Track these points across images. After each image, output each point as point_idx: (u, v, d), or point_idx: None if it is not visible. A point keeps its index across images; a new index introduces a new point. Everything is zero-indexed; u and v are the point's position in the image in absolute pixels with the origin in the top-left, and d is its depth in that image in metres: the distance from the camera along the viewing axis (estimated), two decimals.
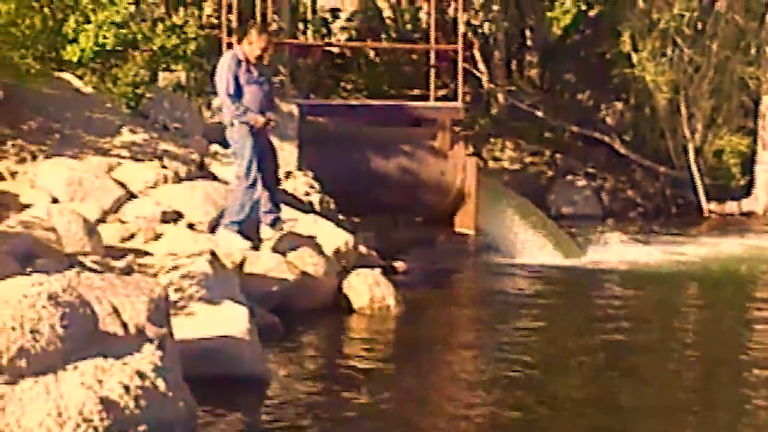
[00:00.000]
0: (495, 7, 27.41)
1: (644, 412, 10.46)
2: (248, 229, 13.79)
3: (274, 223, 14.01)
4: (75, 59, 17.07)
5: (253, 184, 13.66)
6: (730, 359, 12.28)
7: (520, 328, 14.20)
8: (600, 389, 11.15)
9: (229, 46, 17.09)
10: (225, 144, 15.58)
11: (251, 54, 13.54)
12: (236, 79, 13.51)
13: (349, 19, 27.95)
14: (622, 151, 27.23)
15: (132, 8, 17.56)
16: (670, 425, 10.09)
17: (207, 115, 17.81)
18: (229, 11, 19.89)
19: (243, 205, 13.73)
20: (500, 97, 27.45)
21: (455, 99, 20.74)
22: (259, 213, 13.99)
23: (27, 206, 14.35)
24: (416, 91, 23.11)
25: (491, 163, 25.06)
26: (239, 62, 13.55)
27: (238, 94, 13.49)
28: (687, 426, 10.00)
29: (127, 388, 7.50)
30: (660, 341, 13.38)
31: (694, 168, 26.53)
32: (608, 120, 28.19)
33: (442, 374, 11.58)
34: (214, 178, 16.09)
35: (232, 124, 13.54)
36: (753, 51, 27.04)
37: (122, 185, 15.10)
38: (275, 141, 15.87)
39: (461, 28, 21.50)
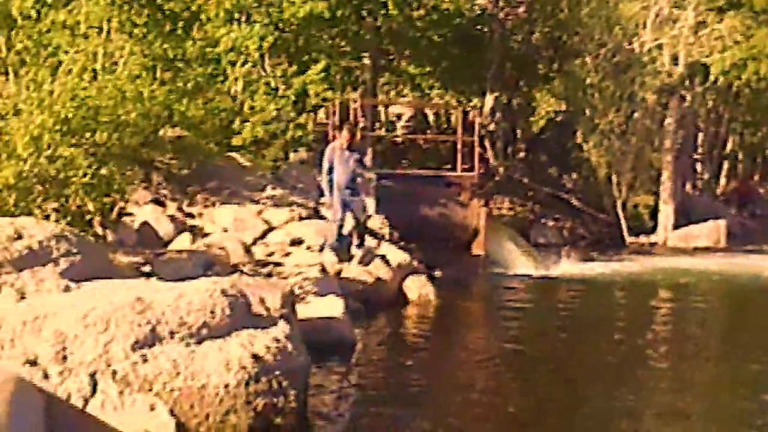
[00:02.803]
0: (499, 115, 28.80)
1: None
2: (341, 251, 14.95)
3: (360, 247, 15.25)
4: (239, 144, 18.41)
5: (341, 225, 14.86)
6: (638, 336, 14.13)
7: (511, 307, 16.73)
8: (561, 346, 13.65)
9: (333, 138, 17.78)
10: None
11: (343, 142, 14.76)
12: (332, 161, 14.58)
13: (407, 121, 28.96)
14: (576, 204, 28.94)
15: (274, 113, 18.63)
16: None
17: (318, 179, 17.45)
18: (334, 115, 20.98)
19: (334, 237, 14.92)
20: (501, 170, 28.91)
21: (473, 170, 22.36)
22: (348, 240, 14.99)
23: (208, 234, 15.90)
24: (448, 165, 23.50)
25: (495, 211, 25.65)
26: (334, 149, 14.70)
27: (329, 172, 14.59)
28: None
29: (268, 348, 8.04)
30: (588, 323, 15.74)
31: (620, 215, 28.61)
32: (568, 185, 29.97)
33: (463, 342, 13.68)
34: (322, 218, 17.37)
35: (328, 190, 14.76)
36: (657, 143, 29.16)
37: (266, 222, 16.61)
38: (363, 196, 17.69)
39: (477, 127, 23.13)
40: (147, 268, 12.70)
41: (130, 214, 15.51)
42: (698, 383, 11.22)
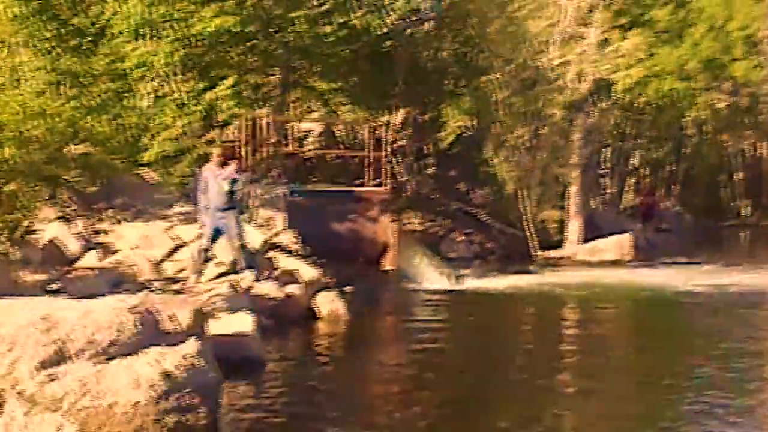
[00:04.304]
0: (408, 131, 29.00)
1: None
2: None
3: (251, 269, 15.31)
4: (148, 161, 18.32)
5: (207, 250, 15.15)
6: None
7: (422, 320, 17.05)
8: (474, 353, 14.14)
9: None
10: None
11: (215, 161, 15.11)
12: (207, 181, 14.95)
13: (317, 136, 28.84)
14: (485, 219, 28.90)
15: (183, 129, 18.57)
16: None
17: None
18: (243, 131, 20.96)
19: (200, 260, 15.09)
20: (410, 186, 28.77)
21: (382, 186, 22.40)
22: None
23: (117, 251, 15.79)
24: (358, 181, 23.44)
25: (405, 227, 25.40)
26: (208, 168, 15.08)
27: (204, 192, 14.95)
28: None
29: (177, 365, 8.07)
30: (496, 335, 16.22)
31: (529, 229, 28.51)
32: (477, 200, 29.97)
33: (373, 357, 13.86)
34: None
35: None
36: (564, 158, 29.51)
37: (176, 239, 16.49)
38: (268, 213, 18.23)
39: (385, 143, 23.47)
40: (54, 286, 12.62)
41: (35, 232, 15.30)
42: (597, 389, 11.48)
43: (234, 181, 15.09)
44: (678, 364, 13.28)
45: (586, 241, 29.02)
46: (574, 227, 29.26)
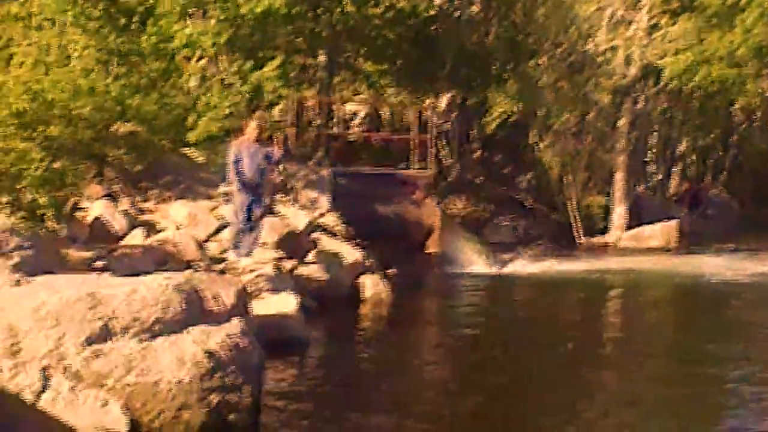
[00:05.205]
0: (453, 114, 29.18)
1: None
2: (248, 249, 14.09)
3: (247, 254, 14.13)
4: (193, 141, 18.12)
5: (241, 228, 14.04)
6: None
7: (465, 305, 17.18)
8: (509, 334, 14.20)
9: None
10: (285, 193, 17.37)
11: (251, 136, 13.97)
12: (238, 154, 13.80)
13: (362, 119, 29.05)
14: (529, 204, 29.16)
15: (229, 109, 18.24)
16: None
17: (273, 176, 17.50)
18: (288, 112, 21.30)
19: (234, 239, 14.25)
20: (455, 169, 29.04)
21: (427, 169, 22.65)
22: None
23: (161, 230, 15.73)
24: (402, 164, 23.94)
25: (449, 210, 25.87)
26: (242, 142, 13.93)
27: (236, 164, 13.80)
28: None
29: (221, 344, 8.09)
30: (538, 321, 16.04)
31: (573, 215, 28.73)
32: (521, 185, 30.17)
33: (416, 340, 13.90)
34: (276, 215, 16.93)
35: None
36: (610, 144, 29.48)
37: (220, 218, 16.25)
38: (313, 193, 18.06)
39: (431, 126, 23.54)
40: (100, 264, 12.52)
41: (83, 209, 15.33)
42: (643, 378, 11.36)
43: (269, 157, 14.05)
44: (724, 350, 13.09)
45: (631, 227, 28.90)
46: (619, 213, 29.11)
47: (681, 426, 9.37)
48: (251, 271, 13.52)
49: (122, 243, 14.72)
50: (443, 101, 28.97)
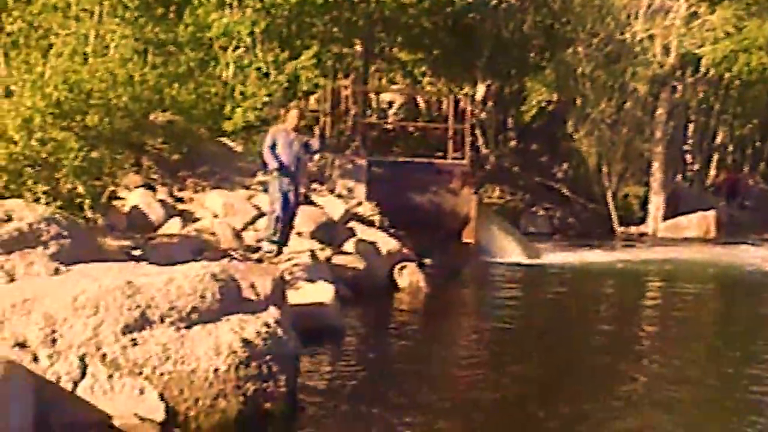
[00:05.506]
0: (490, 103, 29.06)
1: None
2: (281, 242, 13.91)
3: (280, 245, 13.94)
4: (230, 130, 18.35)
5: (278, 217, 13.80)
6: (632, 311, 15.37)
7: (501, 295, 16.96)
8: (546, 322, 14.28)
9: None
10: (322, 183, 17.31)
11: (290, 125, 13.88)
12: (275, 142, 13.64)
13: (398, 108, 29.08)
14: (566, 193, 29.05)
15: (265, 98, 18.45)
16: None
17: (309, 165, 17.44)
18: (325, 101, 21.28)
19: (272, 228, 13.92)
20: (491, 159, 29.15)
21: (464, 159, 22.43)
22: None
23: (198, 219, 15.69)
24: (439, 153, 23.77)
25: (486, 200, 25.83)
26: (279, 131, 13.85)
27: (272, 149, 13.63)
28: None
29: (258, 333, 8.08)
30: (576, 311, 16.04)
31: (610, 205, 28.70)
32: (558, 174, 30.13)
33: (453, 330, 13.87)
34: (312, 203, 16.95)
35: None
36: (647, 133, 29.27)
37: (257, 208, 16.24)
38: (349, 183, 17.94)
39: (468, 116, 23.36)
40: (137, 252, 12.58)
41: (120, 198, 15.36)
42: (686, 375, 11.19)
43: (307, 147, 13.92)
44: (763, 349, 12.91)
45: (668, 217, 28.77)
46: (656, 203, 28.99)
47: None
48: (288, 260, 13.48)
49: (159, 232, 14.72)
50: (480, 90, 28.82)
